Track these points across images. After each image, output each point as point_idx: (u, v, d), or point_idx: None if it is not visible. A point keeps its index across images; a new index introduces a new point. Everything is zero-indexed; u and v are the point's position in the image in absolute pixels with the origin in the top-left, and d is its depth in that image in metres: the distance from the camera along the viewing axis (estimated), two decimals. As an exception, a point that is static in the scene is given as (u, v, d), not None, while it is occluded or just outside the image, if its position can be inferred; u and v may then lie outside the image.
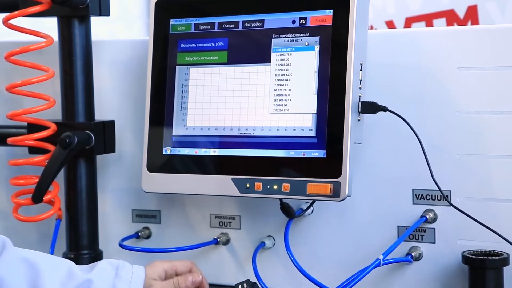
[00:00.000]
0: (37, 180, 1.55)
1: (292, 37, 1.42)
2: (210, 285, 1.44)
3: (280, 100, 1.43)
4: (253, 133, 1.45)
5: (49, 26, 1.61)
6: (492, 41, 1.41)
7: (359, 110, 1.39)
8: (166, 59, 1.53)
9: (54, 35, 1.59)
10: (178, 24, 1.53)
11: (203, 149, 1.49)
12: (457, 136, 1.44)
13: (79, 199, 1.61)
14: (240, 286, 1.35)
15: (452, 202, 1.41)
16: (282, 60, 1.44)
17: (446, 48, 1.44)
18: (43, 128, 1.58)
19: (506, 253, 1.36)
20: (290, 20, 1.43)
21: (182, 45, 1.52)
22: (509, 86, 1.40)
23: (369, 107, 1.40)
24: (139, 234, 1.69)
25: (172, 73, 1.53)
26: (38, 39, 1.57)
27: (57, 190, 1.63)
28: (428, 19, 2.88)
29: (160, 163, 1.52)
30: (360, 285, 1.37)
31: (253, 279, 1.44)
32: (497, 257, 1.36)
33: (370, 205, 1.50)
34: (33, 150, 1.61)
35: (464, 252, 1.39)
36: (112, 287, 1.31)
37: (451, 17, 2.86)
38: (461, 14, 2.86)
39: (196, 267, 1.45)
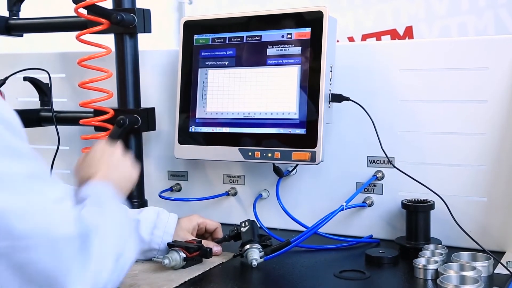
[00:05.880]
0: (100, 150, 1.55)
1: (282, 47, 1.42)
2: (223, 225, 1.45)
3: (273, 92, 1.43)
4: (254, 116, 1.45)
5: (105, 40, 1.60)
6: (423, 51, 1.41)
7: (330, 100, 1.39)
8: (191, 64, 1.53)
9: (111, 46, 1.58)
10: (200, 38, 1.52)
11: (218, 128, 1.49)
12: (398, 118, 1.44)
13: (130, 163, 1.61)
14: (243, 223, 1.35)
15: (395, 165, 1.41)
16: (274, 65, 1.43)
17: (391, 56, 1.44)
18: (104, 113, 1.57)
19: (433, 201, 1.37)
20: (280, 35, 1.43)
21: (203, 54, 1.52)
22: (436, 82, 1.40)
23: (337, 98, 1.40)
24: (173, 188, 1.70)
25: (195, 74, 1.52)
26: (99, 49, 1.57)
27: (115, 157, 1.63)
28: (378, 35, 2.87)
29: (187, 138, 1.53)
30: (329, 224, 1.38)
31: (253, 219, 1.45)
32: (426, 204, 1.37)
33: (337, 168, 1.51)
34: (97, 129, 1.61)
35: (403, 200, 1.39)
36: (154, 225, 1.31)
37: (394, 34, 2.86)
38: (401, 32, 2.86)
39: (221, 229, 1.42)
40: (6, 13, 1.69)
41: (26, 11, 1.72)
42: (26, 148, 0.88)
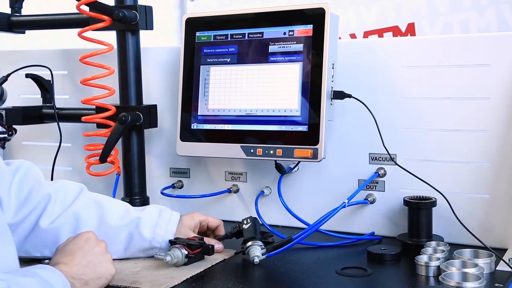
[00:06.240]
0: (103, 146, 1.55)
1: (283, 44, 1.42)
2: (225, 222, 1.44)
3: (275, 89, 1.43)
4: (256, 113, 1.45)
5: (107, 37, 1.60)
6: (425, 48, 1.41)
7: (332, 97, 1.39)
8: (193, 61, 1.53)
9: (113, 43, 1.58)
10: (202, 35, 1.52)
11: (220, 125, 1.49)
12: (400, 115, 1.44)
13: (132, 160, 1.61)
14: (244, 220, 1.35)
15: (397, 162, 1.41)
16: (276, 62, 1.43)
17: (393, 53, 1.44)
18: (106, 110, 1.57)
19: (434, 198, 1.37)
20: (282, 32, 1.42)
21: (205, 51, 1.52)
22: (438, 79, 1.40)
23: (339, 95, 1.40)
24: (175, 185, 1.70)
25: (197, 71, 1.52)
26: (101, 46, 1.56)
27: (117, 153, 1.63)
28: (380, 32, 2.86)
29: (189, 135, 1.53)
30: (331, 221, 1.37)
31: (255, 217, 1.45)
32: (428, 201, 1.37)
33: (339, 165, 1.51)
34: (99, 126, 1.61)
35: (405, 197, 1.39)
36: (155, 223, 1.31)
37: (396, 31, 2.85)
38: (403, 29, 2.85)
39: (222, 226, 1.42)
40: (8, 10, 1.69)
41: (28, 8, 1.72)
42: None
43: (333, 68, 1.38)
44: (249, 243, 1.28)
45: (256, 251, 1.26)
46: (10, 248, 1.08)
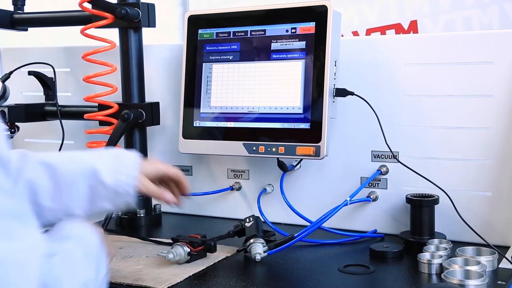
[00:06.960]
0: (105, 144, 1.55)
1: (286, 42, 1.41)
2: (227, 219, 1.44)
3: (277, 87, 1.43)
4: (258, 111, 1.44)
5: (110, 34, 1.60)
6: (427, 45, 1.41)
7: (334, 94, 1.39)
8: (195, 58, 1.53)
9: (116, 40, 1.58)
10: (204, 32, 1.52)
11: (222, 122, 1.49)
12: (403, 113, 1.43)
13: (134, 158, 1.61)
14: (247, 219, 1.35)
15: (399, 160, 1.41)
16: (278, 59, 1.43)
17: (395, 50, 1.43)
18: (109, 107, 1.57)
19: (437, 195, 1.37)
20: (284, 29, 1.42)
21: (207, 48, 1.52)
22: (440, 76, 1.39)
23: (341, 92, 1.40)
24: (177, 182, 1.69)
25: (200, 68, 1.52)
26: (103, 44, 1.56)
27: (119, 151, 1.63)
28: (382, 29, 2.86)
29: (191, 132, 1.52)
30: (333, 218, 1.37)
31: (257, 215, 1.45)
32: (430, 198, 1.37)
33: (341, 162, 1.50)
34: (102, 123, 1.61)
35: (407, 195, 1.39)
36: (115, 168, 1.13)
37: (398, 28, 2.85)
38: (405, 26, 2.85)
39: (185, 180, 1.24)
40: (11, 7, 1.69)
41: (31, 6, 1.72)
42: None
43: (335, 65, 1.38)
44: (251, 241, 1.28)
45: (258, 248, 1.26)
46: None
